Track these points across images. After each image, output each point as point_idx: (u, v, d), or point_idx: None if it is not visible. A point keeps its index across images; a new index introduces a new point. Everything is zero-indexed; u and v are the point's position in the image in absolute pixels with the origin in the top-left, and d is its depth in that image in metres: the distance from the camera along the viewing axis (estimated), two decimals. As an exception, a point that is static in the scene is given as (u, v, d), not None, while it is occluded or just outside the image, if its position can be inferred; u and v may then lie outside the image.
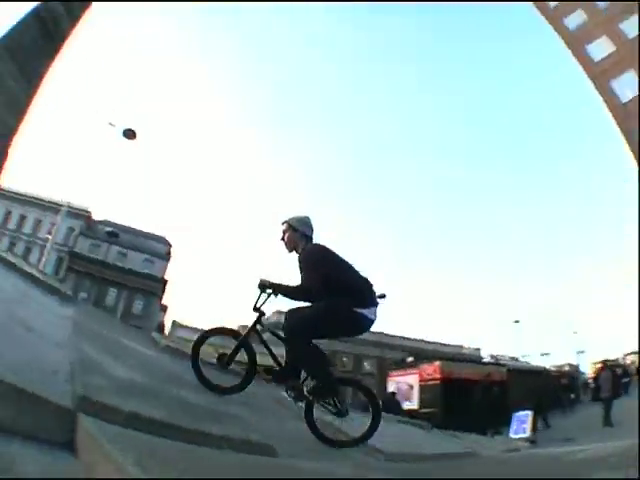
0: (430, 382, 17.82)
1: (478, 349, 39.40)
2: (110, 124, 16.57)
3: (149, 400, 2.24)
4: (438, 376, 17.64)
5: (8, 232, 35.08)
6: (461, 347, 39.45)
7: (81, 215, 36.04)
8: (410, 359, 20.96)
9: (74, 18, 5.97)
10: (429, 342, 38.45)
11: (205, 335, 3.48)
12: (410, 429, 6.70)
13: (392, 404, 12.01)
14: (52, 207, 33.03)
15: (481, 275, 79.33)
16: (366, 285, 3.27)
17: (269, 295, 3.31)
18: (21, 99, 5.31)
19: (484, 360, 32.14)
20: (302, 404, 3.19)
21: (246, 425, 2.69)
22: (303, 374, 3.25)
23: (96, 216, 37.98)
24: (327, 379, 3.17)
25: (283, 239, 3.43)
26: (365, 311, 3.13)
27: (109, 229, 35.66)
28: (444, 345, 38.48)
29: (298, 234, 3.39)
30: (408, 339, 38.17)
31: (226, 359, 3.36)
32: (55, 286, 5.03)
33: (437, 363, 18.42)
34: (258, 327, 3.40)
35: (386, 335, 34.51)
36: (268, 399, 4.27)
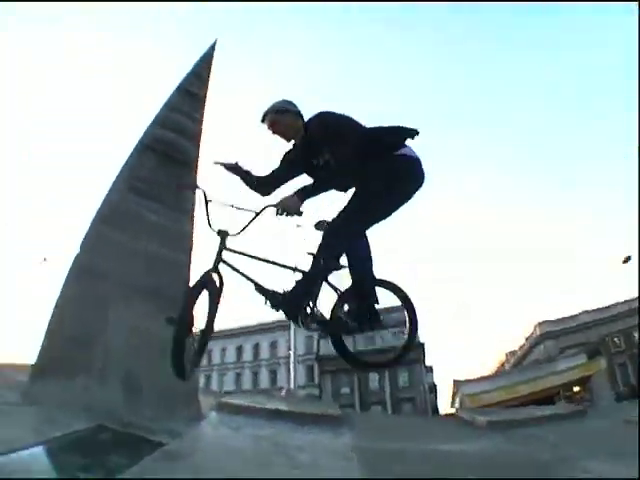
0: None
1: None
2: (298, 225, 17.33)
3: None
4: None
5: (246, 364, 38.76)
6: None
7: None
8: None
9: (191, 137, 5.40)
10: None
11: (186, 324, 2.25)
12: None
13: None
14: (280, 326, 35.55)
15: None
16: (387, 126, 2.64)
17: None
18: (176, 231, 4.71)
19: None
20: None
21: None
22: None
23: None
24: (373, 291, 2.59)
25: (277, 131, 2.73)
26: (405, 150, 2.52)
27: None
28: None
29: (291, 114, 2.72)
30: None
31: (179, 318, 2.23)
32: (314, 413, 3.82)
33: None
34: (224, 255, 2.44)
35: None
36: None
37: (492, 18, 76.54)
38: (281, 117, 2.73)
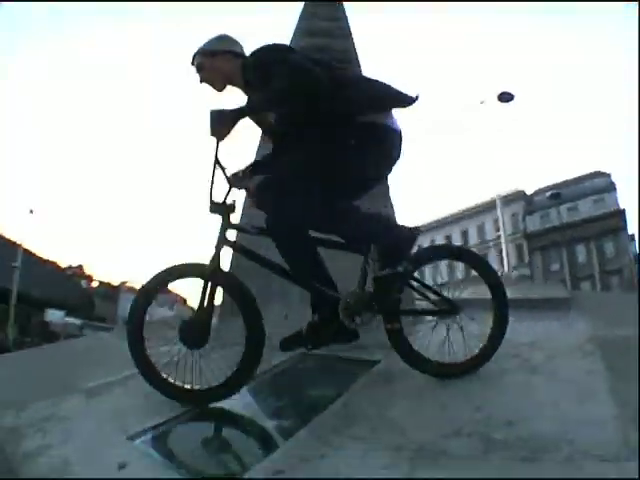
0: None
1: None
2: (481, 102, 17.17)
3: None
4: None
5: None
6: None
7: (515, 198, 36.15)
8: None
9: (342, 36, 5.01)
10: None
11: (151, 288, 1.92)
12: None
13: None
14: (485, 208, 34.51)
15: None
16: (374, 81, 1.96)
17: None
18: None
19: None
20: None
21: None
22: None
23: (529, 190, 39.05)
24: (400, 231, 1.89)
25: (203, 79, 2.07)
26: (388, 120, 1.91)
27: (549, 193, 34.86)
28: None
29: (223, 56, 2.04)
30: None
31: (197, 319, 1.83)
32: (542, 297, 3.24)
33: None
34: (227, 235, 1.94)
35: None
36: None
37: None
38: (210, 61, 2.06)
